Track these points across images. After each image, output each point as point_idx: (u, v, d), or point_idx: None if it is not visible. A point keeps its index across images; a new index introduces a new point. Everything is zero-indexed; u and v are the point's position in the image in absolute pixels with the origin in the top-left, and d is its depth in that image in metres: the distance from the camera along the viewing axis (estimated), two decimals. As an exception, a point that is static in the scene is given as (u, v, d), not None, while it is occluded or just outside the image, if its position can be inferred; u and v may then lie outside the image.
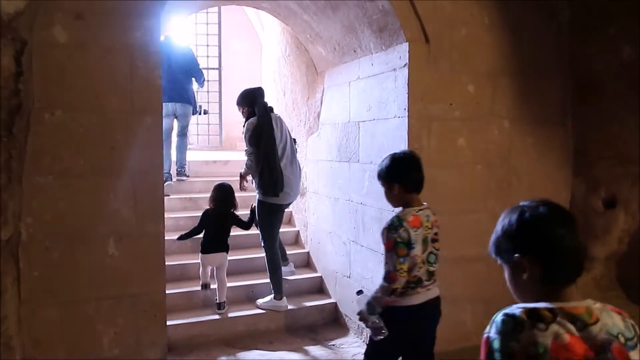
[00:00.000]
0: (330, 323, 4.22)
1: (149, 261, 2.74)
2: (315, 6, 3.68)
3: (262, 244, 4.05)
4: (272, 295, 4.06)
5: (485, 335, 1.15)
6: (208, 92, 7.88)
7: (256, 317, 4.01)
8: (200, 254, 4.01)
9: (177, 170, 5.39)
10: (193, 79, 5.40)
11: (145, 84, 2.68)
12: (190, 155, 5.87)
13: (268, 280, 4.10)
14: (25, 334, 2.47)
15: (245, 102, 4.11)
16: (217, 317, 3.90)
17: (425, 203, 2.36)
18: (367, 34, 3.52)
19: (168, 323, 2.92)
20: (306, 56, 4.67)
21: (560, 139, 3.77)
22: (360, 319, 2.32)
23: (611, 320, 1.08)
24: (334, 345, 3.83)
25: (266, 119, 3.95)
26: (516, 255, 1.16)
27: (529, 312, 1.10)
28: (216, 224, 4.00)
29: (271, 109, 4.11)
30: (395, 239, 2.13)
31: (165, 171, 4.21)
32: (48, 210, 2.51)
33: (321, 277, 4.58)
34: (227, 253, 4.04)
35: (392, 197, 2.34)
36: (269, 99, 4.85)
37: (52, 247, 2.52)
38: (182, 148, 5.43)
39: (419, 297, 2.25)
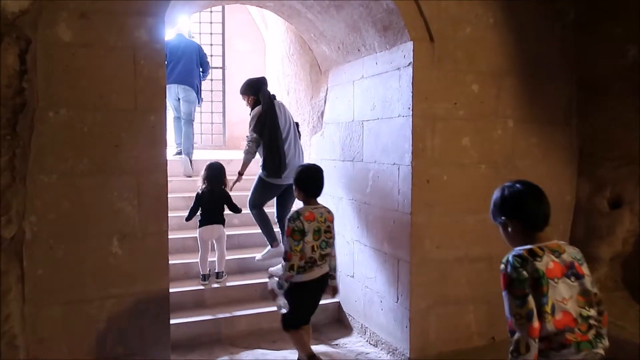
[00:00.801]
0: (333, 322, 4.22)
1: (152, 260, 2.74)
2: (320, 5, 3.68)
3: (250, 209, 4.35)
4: (269, 247, 4.36)
5: (503, 272, 1.73)
6: (212, 91, 7.90)
7: (259, 316, 4.01)
8: (198, 230, 4.19)
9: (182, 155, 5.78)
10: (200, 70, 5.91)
11: (149, 83, 2.68)
12: (194, 154, 5.89)
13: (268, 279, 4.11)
14: (29, 333, 2.48)
15: (250, 91, 4.33)
16: (219, 316, 3.90)
17: (321, 203, 3.12)
18: (372, 33, 3.51)
19: (171, 322, 2.92)
20: (310, 55, 4.66)
21: (565, 139, 3.75)
22: (272, 296, 3.09)
23: (571, 250, 1.82)
24: (337, 344, 3.83)
25: (270, 106, 4.18)
26: (502, 218, 1.88)
27: (528, 251, 1.74)
28: (210, 201, 4.20)
29: (274, 97, 4.34)
30: (293, 227, 2.88)
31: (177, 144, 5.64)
32: (52, 209, 2.51)
33: (324, 276, 4.57)
34: (224, 226, 4.25)
35: (299, 196, 3.11)
36: None
37: (56, 245, 2.52)
38: (188, 135, 5.78)
39: (314, 274, 2.99)
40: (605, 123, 3.59)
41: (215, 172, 4.24)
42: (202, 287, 4.13)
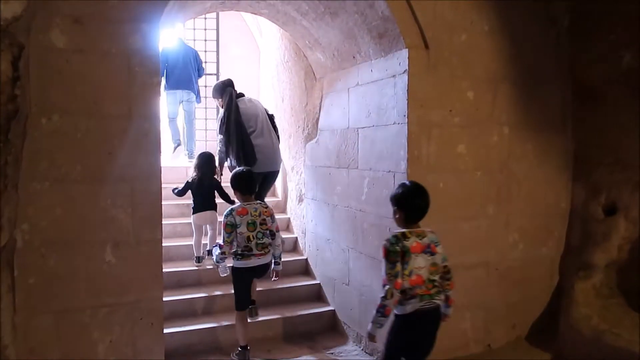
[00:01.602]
0: (328, 331, 4.18)
1: (146, 268, 2.71)
2: (315, 12, 3.68)
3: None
4: None
5: (383, 246, 2.41)
6: (206, 97, 7.88)
7: (254, 325, 3.96)
8: (192, 216, 4.52)
9: (187, 155, 6.39)
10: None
11: (143, 89, 2.65)
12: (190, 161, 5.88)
13: (266, 287, 4.15)
14: (20, 343, 2.43)
15: (217, 94, 4.67)
16: (215, 325, 3.87)
17: (257, 200, 3.62)
18: (367, 40, 3.51)
19: (165, 331, 2.88)
20: (305, 62, 4.66)
21: (560, 145, 3.76)
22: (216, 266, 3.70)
23: (430, 236, 2.50)
24: (332, 353, 3.79)
25: (232, 105, 4.43)
26: (394, 207, 2.52)
27: (402, 234, 2.44)
28: (201, 188, 4.49)
29: (241, 95, 4.58)
30: (226, 222, 3.40)
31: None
32: (44, 216, 2.47)
33: (319, 284, 4.54)
34: (216, 212, 4.53)
35: (235, 195, 3.64)
36: (268, 105, 5.32)
37: (48, 254, 2.49)
38: (191, 134, 6.46)
39: (252, 262, 3.44)
40: (600, 129, 3.60)
41: (205, 161, 4.52)
42: (196, 296, 4.10)
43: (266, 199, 5.34)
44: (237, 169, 3.75)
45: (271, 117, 4.65)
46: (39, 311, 2.49)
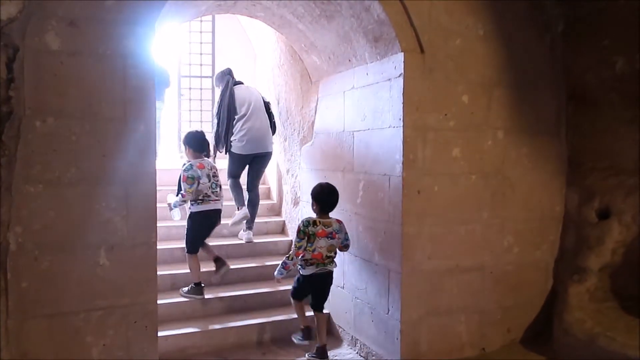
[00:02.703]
0: (323, 334, 4.17)
1: (140, 271, 2.69)
2: (310, 16, 3.68)
3: (227, 179, 5.01)
4: (237, 212, 4.97)
5: (298, 225, 3.48)
6: (201, 100, 7.87)
7: (248, 328, 3.96)
8: None
9: None
10: None
11: (138, 92, 2.64)
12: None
13: (260, 291, 4.24)
14: (13, 347, 2.41)
15: (217, 82, 5.13)
16: (209, 328, 3.85)
17: (205, 157, 4.28)
18: (362, 44, 3.52)
19: (159, 334, 2.86)
20: (300, 65, 4.66)
21: (554, 149, 3.78)
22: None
23: (335, 225, 3.50)
24: (327, 356, 3.78)
25: (227, 91, 4.87)
26: (312, 201, 3.49)
27: (313, 220, 3.46)
28: None
29: (239, 82, 5.02)
30: (187, 175, 4.04)
31: None
32: (38, 219, 2.45)
33: (314, 287, 4.53)
34: None
35: (189, 155, 4.26)
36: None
37: (41, 257, 2.47)
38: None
39: (209, 206, 4.17)
40: (594, 133, 3.62)
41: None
42: (190, 299, 4.08)
43: (261, 202, 5.39)
44: (192, 129, 4.41)
45: (267, 104, 5.03)
46: (32, 315, 2.47)
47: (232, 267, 4.57)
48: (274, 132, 5.12)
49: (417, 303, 3.31)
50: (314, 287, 3.62)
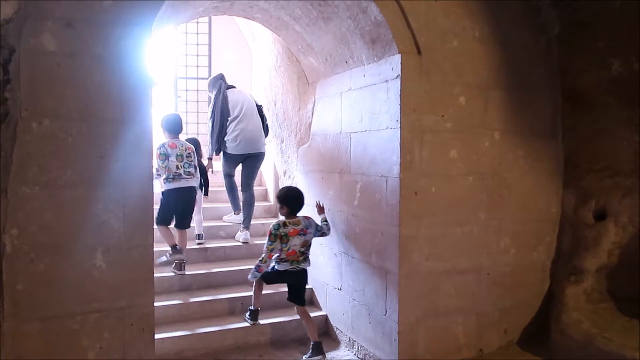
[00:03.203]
0: (320, 336, 4.14)
1: (137, 273, 2.68)
2: (308, 17, 3.68)
3: (224, 177, 5.26)
4: (233, 212, 5.30)
5: (269, 229, 3.65)
6: (197, 101, 7.87)
7: (246, 330, 3.95)
8: None
9: None
10: None
11: (135, 93, 2.63)
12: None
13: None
14: (8, 350, 2.40)
15: (210, 87, 5.30)
16: (206, 330, 3.84)
17: (179, 138, 4.56)
18: (359, 45, 3.52)
19: (156, 336, 2.85)
20: (297, 67, 4.66)
21: (551, 151, 3.79)
22: None
23: (304, 222, 3.70)
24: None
25: (220, 95, 5.05)
26: (280, 204, 3.76)
27: (283, 222, 3.66)
28: None
29: (231, 87, 5.18)
30: (159, 152, 4.28)
31: None
32: (34, 221, 2.44)
33: (312, 289, 4.53)
34: (202, 191, 5.08)
35: (165, 137, 4.53)
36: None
37: (37, 259, 2.45)
38: None
39: (179, 184, 4.39)
40: (590, 135, 3.63)
41: (192, 144, 4.90)
42: (187, 301, 4.08)
43: (258, 204, 5.40)
44: (167, 113, 4.71)
45: (259, 107, 5.22)
46: (28, 318, 2.45)
47: (230, 269, 4.59)
48: (266, 134, 5.26)
49: (414, 304, 3.31)
50: (287, 282, 3.83)
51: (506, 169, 3.60)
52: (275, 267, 3.71)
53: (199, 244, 4.88)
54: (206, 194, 5.17)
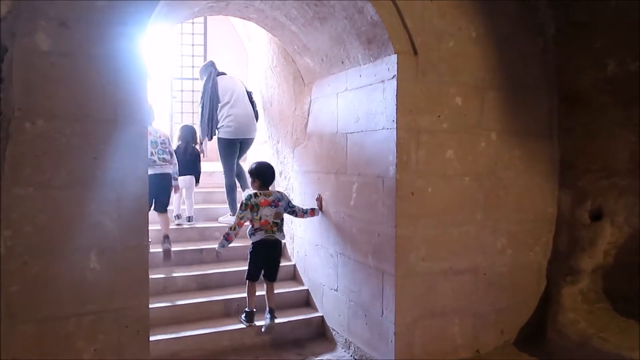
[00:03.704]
0: (317, 337, 4.15)
1: (132, 275, 2.66)
2: (303, 18, 3.67)
3: (223, 169, 5.31)
4: (229, 213, 5.31)
5: (242, 200, 3.98)
6: (192, 102, 7.84)
7: (242, 331, 3.93)
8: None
9: None
10: None
11: (130, 93, 2.62)
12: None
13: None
14: (2, 352, 2.37)
15: (201, 74, 5.42)
16: (201, 331, 3.82)
17: (156, 128, 4.82)
18: (355, 46, 3.51)
19: (151, 338, 2.83)
20: (293, 67, 4.65)
21: (547, 151, 3.79)
22: None
23: (276, 194, 3.96)
24: (321, 359, 3.77)
25: (210, 82, 5.20)
26: (253, 178, 4.00)
27: (254, 193, 3.90)
28: (186, 155, 5.23)
29: (222, 73, 5.34)
30: None
31: None
32: (28, 222, 2.42)
33: (308, 290, 4.52)
34: (194, 177, 5.32)
35: None
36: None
37: (31, 261, 2.43)
38: None
39: (154, 170, 4.49)
40: (586, 135, 3.64)
41: (189, 132, 5.34)
42: (182, 303, 4.07)
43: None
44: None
45: (249, 93, 5.38)
46: (22, 320, 2.43)
47: (225, 270, 4.57)
48: (257, 119, 5.45)
49: (411, 305, 3.30)
50: (264, 256, 3.93)
51: (502, 169, 3.60)
52: (251, 240, 3.90)
53: (189, 223, 5.22)
54: (197, 181, 5.38)
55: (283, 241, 4.03)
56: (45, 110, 2.44)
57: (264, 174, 3.99)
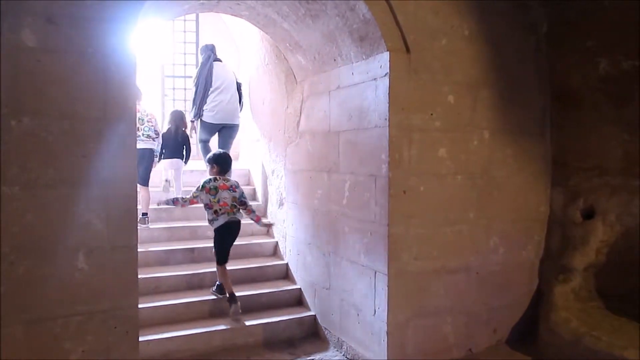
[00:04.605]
0: (309, 336, 4.14)
1: (121, 275, 2.63)
2: (295, 15, 3.64)
3: (198, 143, 5.75)
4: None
5: (200, 184, 4.17)
6: (185, 100, 7.78)
7: (233, 331, 3.90)
8: (162, 160, 5.31)
9: None
10: None
11: (119, 91, 2.58)
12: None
13: (245, 293, 4.15)
14: (-12, 354, 2.34)
15: (200, 52, 5.73)
16: (192, 331, 3.79)
17: (145, 108, 5.18)
18: (348, 43, 3.49)
19: (141, 339, 2.80)
20: (285, 65, 4.62)
21: (539, 150, 3.79)
22: None
23: (232, 181, 4.29)
24: (313, 359, 3.75)
25: (207, 65, 5.49)
26: (211, 164, 4.29)
27: (214, 178, 4.19)
28: (174, 139, 5.35)
29: (217, 59, 5.60)
30: None
31: None
32: (14, 222, 2.38)
33: (300, 289, 4.50)
34: (182, 160, 5.41)
35: None
36: (247, 110, 6.07)
37: (18, 261, 2.39)
38: None
39: (143, 145, 4.80)
40: (579, 134, 3.64)
41: (178, 116, 5.48)
42: (173, 302, 4.03)
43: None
44: None
45: (238, 84, 5.67)
46: (9, 321, 2.39)
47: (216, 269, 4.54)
48: (241, 108, 5.78)
49: (403, 304, 3.29)
50: (231, 237, 4.25)
51: (495, 168, 3.59)
52: (214, 226, 4.15)
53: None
54: (186, 162, 5.49)
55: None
56: (32, 108, 2.40)
57: (223, 161, 4.30)
